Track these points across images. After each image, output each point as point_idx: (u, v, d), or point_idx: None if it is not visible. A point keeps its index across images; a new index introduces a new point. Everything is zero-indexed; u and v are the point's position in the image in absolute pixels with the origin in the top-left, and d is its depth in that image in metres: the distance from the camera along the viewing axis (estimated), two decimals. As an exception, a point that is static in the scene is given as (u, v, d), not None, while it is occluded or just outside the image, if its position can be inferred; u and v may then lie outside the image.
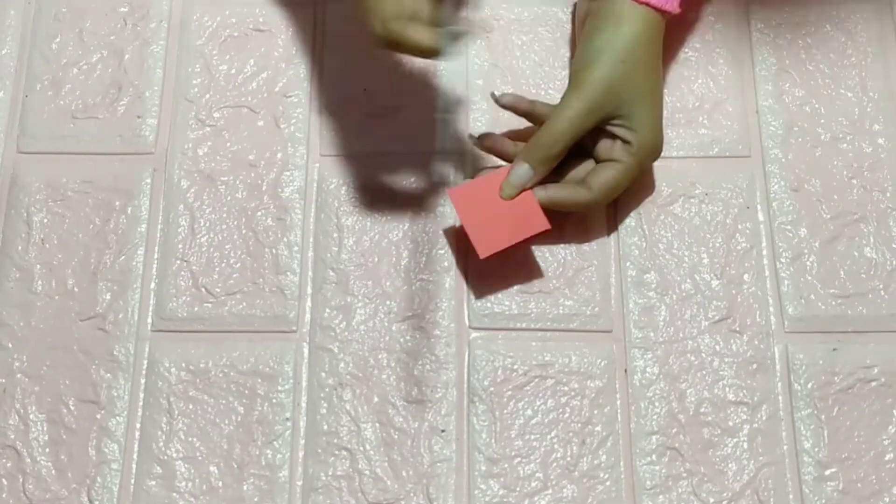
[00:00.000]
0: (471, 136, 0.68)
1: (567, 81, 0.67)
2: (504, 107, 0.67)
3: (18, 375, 0.67)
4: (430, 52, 0.56)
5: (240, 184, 0.71)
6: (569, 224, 0.69)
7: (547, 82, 0.73)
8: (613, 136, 0.65)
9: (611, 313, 0.68)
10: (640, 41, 0.64)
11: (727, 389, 0.66)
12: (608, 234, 0.69)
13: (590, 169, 0.66)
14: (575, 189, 0.65)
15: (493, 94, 0.66)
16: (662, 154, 0.69)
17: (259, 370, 0.67)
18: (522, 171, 0.64)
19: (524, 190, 0.65)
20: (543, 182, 0.65)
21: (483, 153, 0.69)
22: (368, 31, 0.57)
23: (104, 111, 0.73)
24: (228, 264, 0.69)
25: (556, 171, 0.66)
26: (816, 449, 0.64)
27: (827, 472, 0.64)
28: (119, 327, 0.68)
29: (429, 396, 0.66)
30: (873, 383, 0.66)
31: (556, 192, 0.65)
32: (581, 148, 0.66)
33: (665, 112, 0.72)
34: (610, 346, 0.67)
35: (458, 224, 0.69)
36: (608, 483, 0.64)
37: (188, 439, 0.66)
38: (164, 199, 0.71)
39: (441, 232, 0.69)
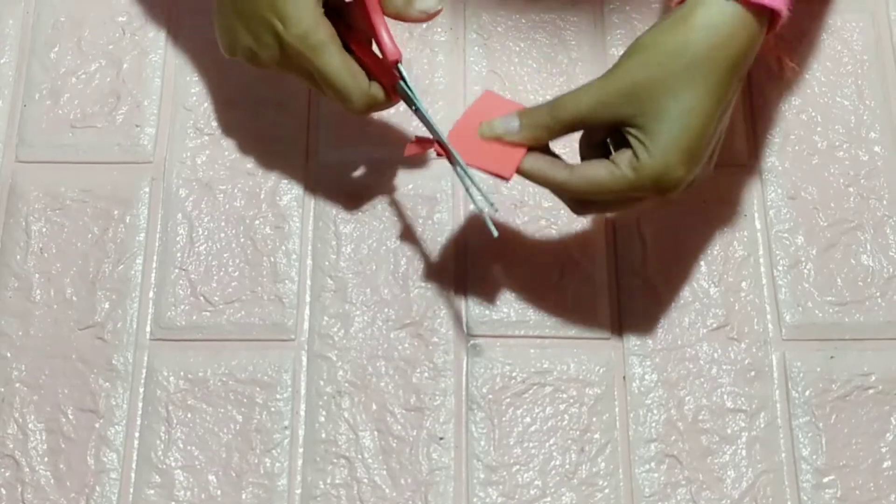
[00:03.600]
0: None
1: (564, 89, 0.67)
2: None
3: (17, 384, 0.67)
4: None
5: (238, 192, 0.71)
6: (567, 231, 0.69)
7: (545, 89, 0.73)
8: (629, 144, 0.56)
9: (609, 321, 0.68)
10: (703, 46, 0.54)
11: (725, 397, 0.66)
12: (606, 241, 0.69)
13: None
14: (555, 164, 0.58)
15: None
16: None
17: (257, 379, 0.67)
18: (509, 123, 0.58)
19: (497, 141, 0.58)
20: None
21: None
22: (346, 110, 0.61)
23: (103, 120, 0.73)
24: (227, 273, 0.69)
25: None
26: (814, 456, 0.65)
27: (825, 480, 0.64)
28: (118, 336, 0.68)
29: (427, 404, 0.66)
30: (871, 391, 0.66)
31: (535, 161, 0.58)
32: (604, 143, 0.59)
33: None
34: (608, 354, 0.67)
35: (456, 229, 0.69)
36: (607, 491, 0.64)
37: (187, 448, 0.66)
38: (162, 207, 0.71)
39: (439, 239, 0.70)
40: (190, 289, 0.69)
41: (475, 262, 0.69)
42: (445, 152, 0.59)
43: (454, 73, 0.73)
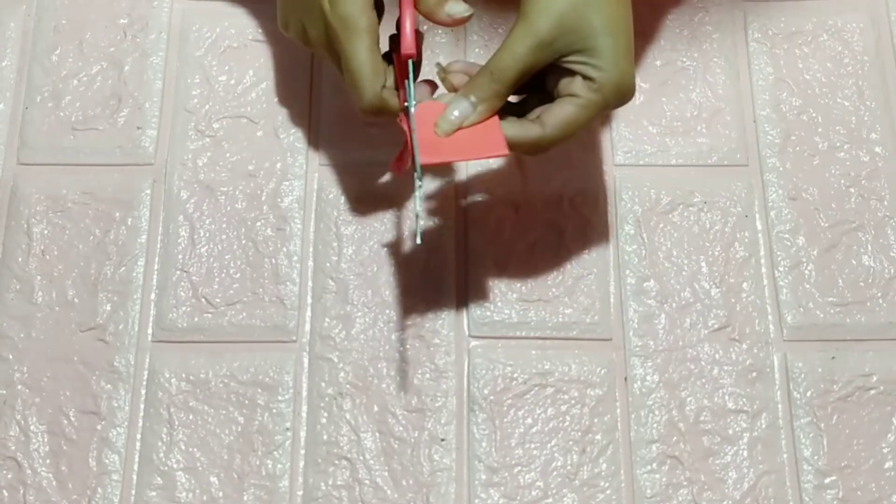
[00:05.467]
0: (438, 65, 0.62)
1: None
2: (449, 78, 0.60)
3: (19, 387, 0.67)
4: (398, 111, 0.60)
5: (239, 194, 0.71)
6: (568, 231, 0.69)
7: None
8: (573, 73, 0.57)
9: (610, 322, 0.68)
10: None
11: (727, 398, 0.66)
12: (607, 242, 0.69)
13: None
14: (524, 125, 0.58)
15: (438, 65, 0.61)
16: (661, 162, 0.70)
17: (259, 380, 0.67)
18: (463, 107, 0.58)
19: (462, 128, 0.58)
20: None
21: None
22: (355, 105, 0.59)
23: (104, 122, 0.73)
24: (228, 274, 0.69)
25: (517, 113, 0.60)
26: (816, 457, 0.65)
27: (826, 481, 0.64)
28: (119, 338, 0.68)
29: (428, 405, 0.66)
30: (872, 391, 0.66)
31: (507, 128, 0.58)
32: (543, 86, 0.60)
33: (663, 121, 0.73)
34: (610, 355, 0.67)
35: (457, 231, 0.69)
36: (608, 492, 0.64)
37: (188, 450, 0.66)
38: (163, 209, 0.71)
39: (441, 240, 0.70)
40: (191, 290, 0.69)
41: (476, 264, 0.69)
42: (411, 156, 0.58)
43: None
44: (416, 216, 0.60)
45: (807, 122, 0.72)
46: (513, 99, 0.60)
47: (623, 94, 0.58)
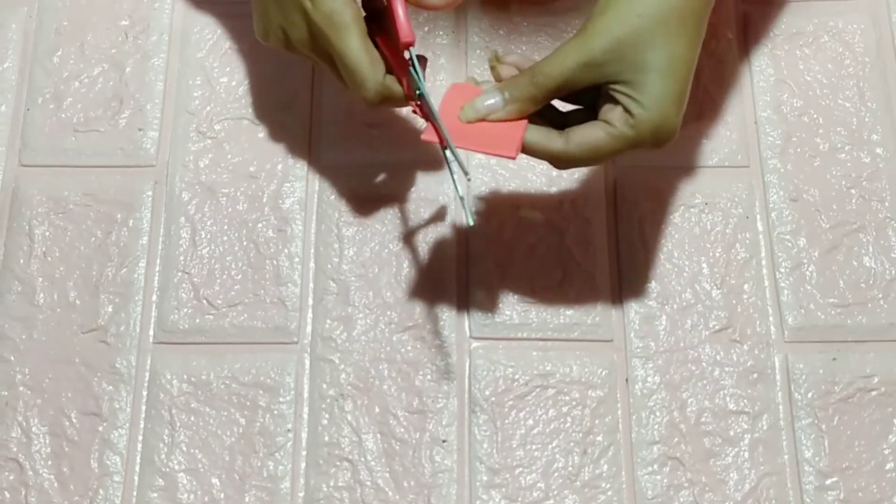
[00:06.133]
0: (493, 52, 0.60)
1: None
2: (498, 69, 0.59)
3: (21, 388, 0.67)
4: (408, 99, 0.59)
5: (240, 195, 0.71)
6: (569, 233, 0.69)
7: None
8: (617, 102, 0.55)
9: (611, 323, 0.68)
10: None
11: (728, 399, 0.66)
12: (608, 244, 0.69)
13: None
14: (549, 134, 0.57)
15: (493, 52, 0.60)
16: (661, 163, 0.70)
17: (260, 382, 0.67)
18: (494, 100, 0.57)
19: (485, 120, 0.57)
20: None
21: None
22: (359, 99, 0.59)
23: (105, 124, 0.73)
24: (230, 276, 0.69)
25: (558, 122, 0.58)
26: (817, 458, 0.65)
27: (828, 482, 0.64)
28: (121, 340, 0.68)
29: (430, 407, 0.66)
30: (873, 392, 0.66)
31: (530, 133, 0.57)
32: (593, 106, 0.58)
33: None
34: (611, 356, 0.67)
35: (458, 232, 0.69)
36: (610, 493, 0.64)
37: (190, 451, 0.66)
38: (165, 211, 0.71)
39: (441, 242, 0.70)
40: (193, 292, 0.69)
41: (477, 265, 0.69)
42: (439, 136, 0.57)
43: (456, 75, 0.74)
44: (460, 199, 0.58)
45: (808, 123, 0.72)
46: (561, 107, 0.59)
47: (660, 138, 0.55)
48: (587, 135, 0.56)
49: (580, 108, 0.58)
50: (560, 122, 0.58)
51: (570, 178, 0.71)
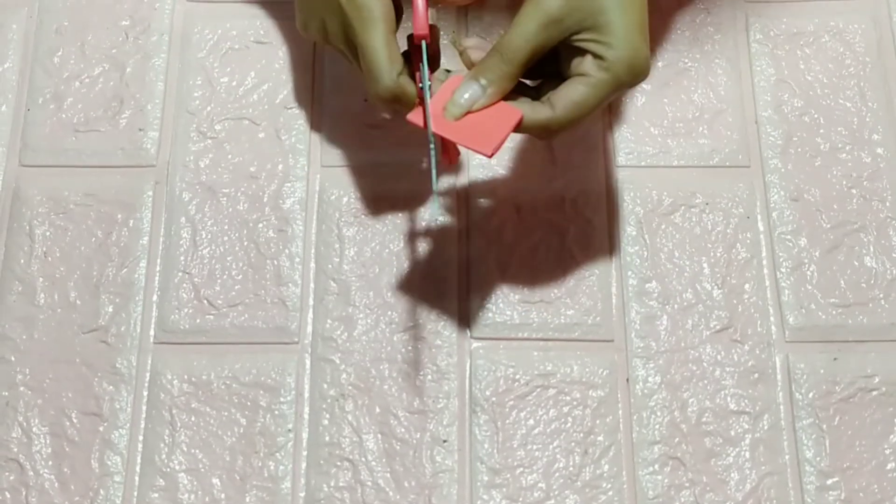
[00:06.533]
0: (452, 33, 0.61)
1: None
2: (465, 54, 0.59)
3: (21, 388, 0.67)
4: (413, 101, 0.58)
5: (241, 196, 0.71)
6: (570, 233, 0.69)
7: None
8: (584, 52, 0.56)
9: (612, 323, 0.68)
10: None
11: (729, 399, 0.66)
12: (609, 244, 0.69)
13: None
14: (534, 107, 0.57)
15: (453, 33, 0.60)
16: (662, 163, 0.70)
17: (261, 382, 0.67)
18: (473, 90, 0.57)
19: (470, 112, 0.57)
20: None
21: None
22: (372, 97, 0.59)
23: (106, 124, 0.73)
24: (230, 276, 0.69)
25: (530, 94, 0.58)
26: (818, 458, 0.65)
27: (829, 482, 0.64)
28: (121, 340, 0.68)
29: (430, 407, 0.66)
30: (874, 392, 0.66)
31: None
32: (558, 71, 0.58)
33: (665, 122, 0.73)
34: (612, 356, 0.67)
35: (459, 232, 0.69)
36: (610, 493, 0.64)
37: (191, 451, 0.66)
38: (165, 211, 0.71)
39: (443, 242, 0.70)
40: (193, 292, 0.69)
41: (478, 265, 0.69)
42: (424, 123, 0.57)
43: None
44: (434, 192, 0.58)
45: (808, 123, 0.72)
46: (529, 83, 0.59)
47: (636, 72, 0.56)
48: (568, 93, 0.56)
49: (548, 80, 0.58)
50: (535, 98, 0.58)
51: (570, 178, 0.71)
